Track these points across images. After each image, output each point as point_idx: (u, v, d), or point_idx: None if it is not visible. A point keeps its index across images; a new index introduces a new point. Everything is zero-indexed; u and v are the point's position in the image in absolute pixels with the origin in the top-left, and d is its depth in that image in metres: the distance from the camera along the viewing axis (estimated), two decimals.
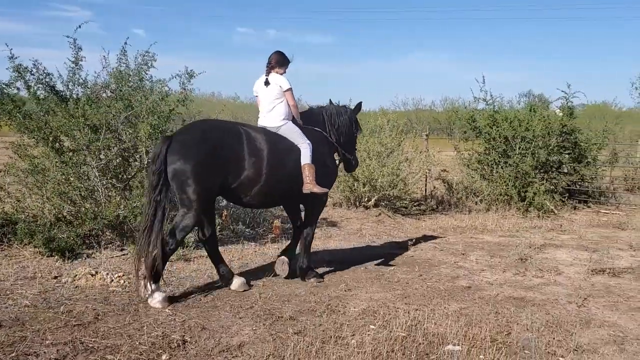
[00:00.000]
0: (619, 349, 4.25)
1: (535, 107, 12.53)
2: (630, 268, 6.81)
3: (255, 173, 5.23)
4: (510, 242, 8.24)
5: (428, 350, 4.07)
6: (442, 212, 11.24)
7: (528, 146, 11.32)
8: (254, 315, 4.70)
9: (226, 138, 5.19)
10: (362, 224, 9.51)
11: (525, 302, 5.34)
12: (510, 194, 11.23)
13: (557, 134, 11.52)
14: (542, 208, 10.84)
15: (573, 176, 11.94)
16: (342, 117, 6.27)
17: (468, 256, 7.34)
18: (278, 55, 5.83)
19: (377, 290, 5.63)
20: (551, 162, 11.57)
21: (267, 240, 7.68)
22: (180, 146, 4.92)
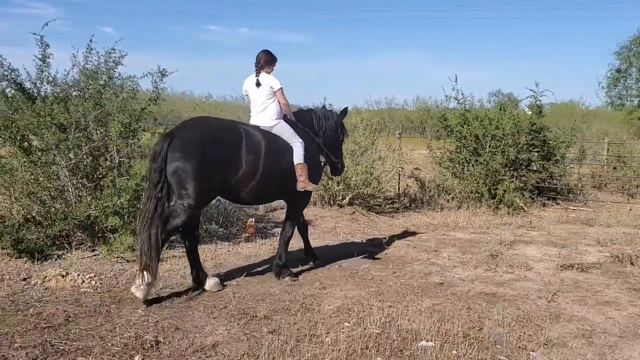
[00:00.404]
0: (588, 342, 4.35)
1: (505, 106, 12.73)
2: (597, 263, 6.97)
3: (252, 169, 5.31)
4: (481, 238, 8.36)
5: (402, 347, 4.11)
6: (415, 210, 11.33)
7: (498, 144, 11.49)
8: (228, 315, 4.68)
9: (226, 135, 5.29)
10: (337, 223, 9.53)
11: (497, 298, 5.43)
12: (481, 192, 11.39)
13: (526, 132, 11.73)
14: (512, 205, 11.03)
15: (542, 174, 12.17)
16: (328, 121, 6.38)
17: (440, 253, 7.42)
18: (266, 54, 5.87)
19: (352, 287, 5.66)
20: (521, 160, 11.77)
21: (240, 239, 7.65)
22: (182, 143, 4.95)
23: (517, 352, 4.10)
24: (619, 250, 7.30)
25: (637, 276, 6.26)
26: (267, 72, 5.86)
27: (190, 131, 5.17)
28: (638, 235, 8.52)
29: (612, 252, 7.34)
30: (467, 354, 3.99)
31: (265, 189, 5.61)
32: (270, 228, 8.75)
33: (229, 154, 5.20)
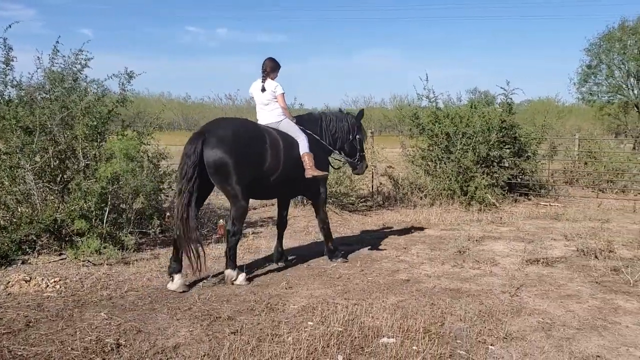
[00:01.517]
0: (546, 335, 4.43)
1: (475, 104, 12.86)
2: (563, 257, 7.09)
3: (275, 162, 5.92)
4: (451, 235, 8.45)
5: (363, 344, 4.15)
6: (388, 208, 11.41)
7: (469, 142, 11.61)
8: (192, 317, 4.68)
9: (253, 133, 5.87)
10: (309, 222, 9.56)
11: (461, 293, 5.50)
12: (453, 189, 11.50)
13: (496, 130, 11.86)
14: (484, 202, 11.16)
15: (513, 170, 12.33)
16: (340, 123, 6.98)
17: (409, 250, 7.49)
18: (271, 62, 6.45)
19: (318, 286, 5.69)
20: (492, 156, 11.90)
21: (210, 240, 7.64)
22: (218, 141, 5.44)
23: (476, 347, 4.16)
24: (585, 244, 7.43)
25: (600, 269, 6.39)
26: (272, 78, 6.44)
27: (222, 130, 5.63)
28: (603, 229, 8.68)
29: (577, 246, 7.47)
30: (426, 350, 4.03)
31: (285, 181, 6.17)
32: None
33: (258, 148, 5.78)
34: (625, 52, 22.34)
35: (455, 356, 3.99)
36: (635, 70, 22.29)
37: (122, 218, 7.09)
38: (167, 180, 8.23)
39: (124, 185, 6.97)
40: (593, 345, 4.24)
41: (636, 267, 6.20)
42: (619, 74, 22.91)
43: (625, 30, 22.17)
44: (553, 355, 4.03)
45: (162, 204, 8.27)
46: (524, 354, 4.04)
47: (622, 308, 5.12)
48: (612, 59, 23.08)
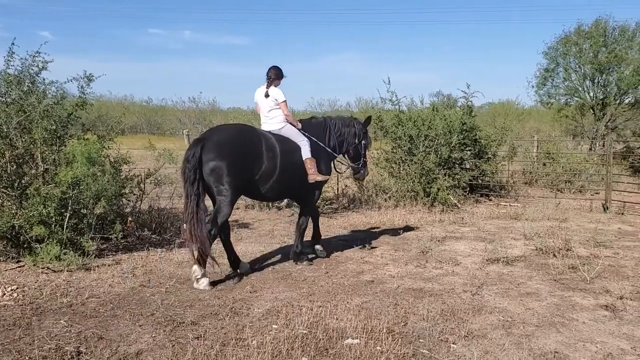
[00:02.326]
0: (507, 333, 4.54)
1: (437, 107, 13.05)
2: (522, 256, 7.26)
3: (272, 166, 6.19)
4: (415, 236, 8.56)
5: (328, 346, 4.17)
6: (353, 210, 11.46)
7: (431, 144, 11.78)
8: (155, 322, 4.62)
9: (249, 137, 6.15)
10: (274, 225, 9.54)
11: (424, 293, 5.59)
12: (416, 190, 11.63)
13: (458, 132, 12.06)
14: (446, 202, 11.32)
15: (474, 171, 12.56)
16: (347, 128, 7.28)
17: (374, 251, 7.55)
18: (276, 70, 6.78)
19: (283, 289, 5.69)
20: (453, 158, 12.09)
21: (174, 245, 7.56)
22: (214, 146, 5.77)
23: (438, 345, 4.24)
24: (543, 243, 7.62)
25: (558, 268, 6.56)
26: (276, 85, 6.75)
27: (218, 135, 5.97)
28: (561, 228, 8.92)
29: (536, 245, 7.66)
30: (390, 349, 4.08)
31: (283, 184, 6.42)
32: None
33: (253, 152, 6.05)
34: (581, 55, 22.95)
35: (418, 355, 4.06)
36: (591, 73, 22.91)
37: (83, 223, 6.95)
38: (129, 185, 8.11)
39: (85, 190, 6.83)
40: (551, 341, 4.36)
41: (593, 265, 6.39)
42: (576, 76, 23.52)
43: (581, 34, 22.80)
44: (513, 352, 4.13)
45: (124, 209, 8.14)
46: (485, 352, 4.13)
47: (579, 305, 5.27)
48: (568, 62, 23.71)
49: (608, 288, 5.75)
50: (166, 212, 8.93)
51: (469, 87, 12.87)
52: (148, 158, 10.37)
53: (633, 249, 7.78)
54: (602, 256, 6.96)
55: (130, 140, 19.48)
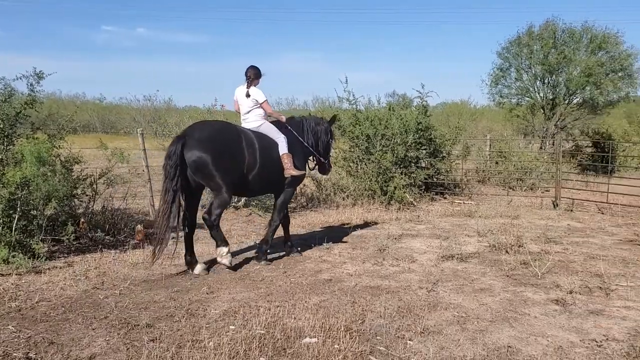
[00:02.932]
0: (461, 329, 4.62)
1: (393, 107, 13.21)
2: (476, 253, 7.41)
3: (252, 160, 6.40)
4: (372, 234, 8.64)
5: (285, 345, 4.16)
6: (311, 209, 11.48)
7: (388, 143, 11.92)
8: (108, 326, 4.52)
9: (229, 134, 6.33)
10: (232, 225, 9.47)
11: (381, 290, 5.64)
12: (373, 189, 11.75)
13: (413, 131, 12.23)
14: (402, 201, 11.47)
15: (430, 170, 12.77)
16: (319, 126, 7.57)
17: (332, 250, 7.58)
18: (255, 69, 6.98)
19: (241, 290, 5.65)
20: (409, 157, 12.26)
21: (128, 247, 7.40)
22: (197, 143, 5.93)
23: (395, 342, 4.28)
24: (496, 240, 7.81)
25: (511, 263, 6.72)
26: (255, 84, 6.97)
27: (199, 132, 6.09)
28: (513, 225, 9.15)
29: (489, 242, 7.83)
30: (348, 347, 4.10)
31: (264, 178, 6.63)
32: None
33: (234, 148, 6.24)
34: (532, 56, 23.59)
35: (376, 352, 4.09)
36: (542, 74, 23.57)
37: (32, 225, 6.73)
38: (82, 186, 7.90)
39: (35, 190, 6.62)
40: (504, 336, 4.46)
41: (543, 260, 6.58)
42: (527, 77, 24.18)
43: (532, 36, 23.44)
44: (468, 348, 4.21)
45: (77, 210, 7.93)
46: (441, 348, 4.20)
47: (531, 299, 5.42)
48: (520, 63, 24.34)
49: (558, 283, 5.93)
50: (120, 212, 8.74)
51: (424, 87, 13.10)
52: (101, 157, 10.13)
53: (582, 244, 8.04)
54: (552, 252, 7.18)
55: (83, 139, 18.99)
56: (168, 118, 11.75)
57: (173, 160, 5.83)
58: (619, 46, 22.27)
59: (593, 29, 22.74)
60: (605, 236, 8.74)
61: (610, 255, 7.33)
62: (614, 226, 9.69)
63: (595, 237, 8.62)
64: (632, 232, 9.03)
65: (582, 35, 22.87)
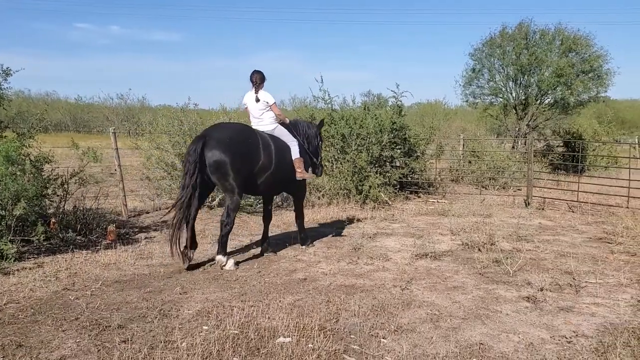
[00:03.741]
0: (435, 326, 4.66)
1: (368, 106, 13.26)
2: (449, 251, 7.49)
3: (267, 161, 6.74)
4: (347, 233, 8.66)
5: (259, 345, 4.15)
6: (286, 208, 11.46)
7: (363, 143, 11.96)
8: (79, 327, 4.45)
9: (247, 135, 6.66)
10: (206, 225, 9.39)
11: (355, 289, 5.66)
12: (349, 188, 11.79)
13: (388, 131, 12.30)
14: (377, 200, 11.53)
15: (404, 169, 12.85)
16: (310, 130, 7.92)
17: (307, 249, 7.58)
18: (260, 74, 7.24)
19: (214, 290, 5.61)
20: (384, 157, 12.34)
21: (100, 247, 7.30)
22: (217, 143, 6.23)
23: (369, 341, 4.30)
24: (469, 238, 7.90)
25: (483, 261, 6.80)
26: (261, 88, 7.22)
27: (220, 133, 6.40)
28: (486, 223, 9.27)
29: (462, 240, 7.92)
30: (322, 347, 4.11)
31: (276, 179, 6.99)
32: (133, 234, 8.43)
33: (252, 149, 6.57)
34: (504, 57, 23.89)
35: (350, 351, 4.10)
36: (514, 74, 23.89)
37: (1, 225, 6.60)
38: (52, 186, 7.76)
39: (3, 190, 6.49)
40: (477, 333, 4.51)
41: (515, 258, 6.68)
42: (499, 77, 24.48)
43: (505, 37, 23.74)
44: (440, 345, 4.25)
45: (47, 210, 7.79)
46: (414, 345, 4.23)
47: (503, 297, 5.49)
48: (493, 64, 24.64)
49: (529, 280, 6.02)
50: (92, 212, 8.61)
51: (399, 87, 13.18)
52: (73, 157, 9.98)
53: (552, 242, 8.18)
54: (523, 250, 7.29)
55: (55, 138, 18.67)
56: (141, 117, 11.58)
57: (193, 158, 6.13)
58: (589, 48, 22.67)
59: (565, 30, 23.13)
60: (575, 234, 8.91)
61: (580, 253, 7.47)
62: (584, 224, 9.88)
63: (566, 235, 8.78)
64: (601, 230, 9.21)
65: (554, 36, 23.23)
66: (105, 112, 43.97)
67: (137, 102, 46.12)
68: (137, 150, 11.63)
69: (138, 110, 42.71)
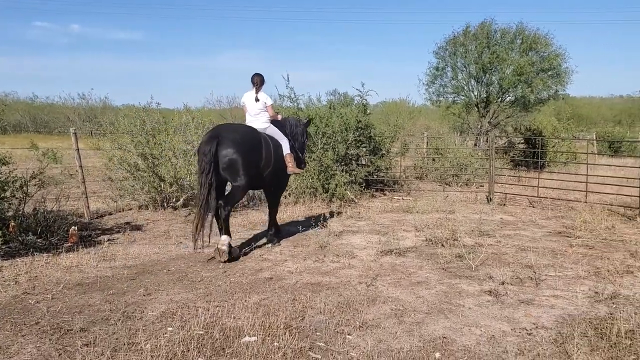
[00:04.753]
0: (399, 321, 4.73)
1: (334, 105, 13.31)
2: (413, 247, 7.59)
3: (268, 159, 7.37)
4: (313, 231, 8.69)
5: (225, 345, 4.14)
6: (253, 208, 11.42)
7: (329, 141, 12.01)
8: (40, 331, 4.36)
9: (254, 136, 7.27)
10: (170, 226, 9.30)
11: (321, 287, 5.69)
12: (315, 187, 11.82)
13: (353, 129, 12.37)
14: (344, 198, 11.59)
15: (370, 167, 12.95)
16: (298, 128, 8.47)
17: (273, 248, 7.58)
18: (260, 76, 7.83)
19: (179, 291, 5.57)
20: (350, 155, 12.41)
21: (61, 250, 7.15)
22: (231, 143, 6.81)
23: (334, 337, 4.34)
24: (433, 234, 8.02)
25: (446, 257, 6.92)
26: (260, 89, 7.79)
27: (232, 134, 6.97)
28: (449, 219, 9.41)
29: (426, 236, 8.04)
30: (287, 345, 4.13)
31: (273, 174, 7.61)
32: (96, 235, 8.29)
33: (258, 148, 7.23)
34: (467, 56, 24.25)
35: (315, 348, 4.13)
36: (476, 72, 24.26)
37: None
38: (10, 189, 7.57)
39: None
40: (440, 327, 4.60)
41: (477, 253, 6.81)
42: (462, 76, 24.84)
43: (467, 35, 24.09)
44: (405, 340, 4.31)
45: (6, 213, 7.59)
46: (379, 341, 4.28)
47: (465, 291, 5.60)
48: (456, 62, 24.97)
49: (491, 274, 6.15)
50: (53, 214, 8.42)
51: (364, 85, 13.25)
52: (32, 158, 9.75)
53: (513, 237, 8.37)
54: (485, 245, 7.43)
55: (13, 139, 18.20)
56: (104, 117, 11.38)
57: (209, 158, 6.65)
58: (549, 47, 23.17)
59: (525, 30, 23.60)
60: (535, 229, 9.12)
61: (540, 246, 7.66)
62: (544, 219, 10.12)
63: (526, 230, 8.99)
64: (560, 225, 9.46)
65: (515, 35, 23.69)
66: (67, 113, 43.05)
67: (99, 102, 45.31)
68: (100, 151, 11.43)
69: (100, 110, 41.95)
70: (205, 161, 6.67)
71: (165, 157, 10.19)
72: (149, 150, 10.19)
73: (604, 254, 7.16)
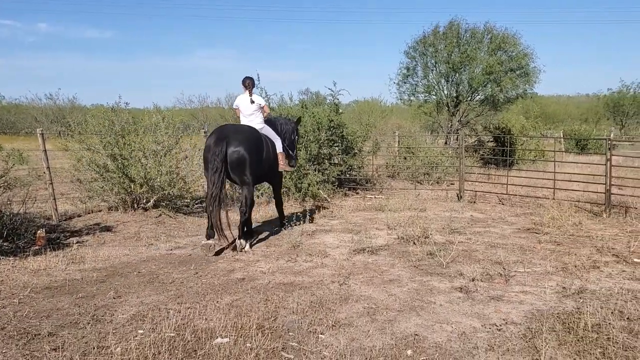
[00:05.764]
0: (371, 320, 4.75)
1: (306, 104, 13.31)
2: (386, 245, 7.64)
3: (267, 156, 7.99)
4: (286, 231, 8.68)
5: (196, 347, 4.11)
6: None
7: (301, 141, 11.99)
8: (6, 337, 4.27)
9: (257, 135, 7.81)
10: (141, 227, 9.19)
11: (294, 287, 5.69)
12: (288, 186, 11.80)
13: (326, 129, 12.39)
14: (317, 197, 11.60)
15: (342, 166, 12.99)
16: (287, 126, 9.01)
17: (245, 248, 7.54)
18: (251, 79, 8.29)
19: (150, 293, 5.51)
20: (323, 154, 12.43)
21: (28, 253, 7.01)
22: (239, 143, 7.29)
23: (307, 337, 4.34)
24: (404, 232, 8.08)
25: (418, 254, 6.98)
26: (253, 91, 8.29)
27: (240, 135, 7.43)
28: (420, 217, 9.50)
29: (398, 235, 8.10)
30: (260, 345, 4.12)
31: (270, 170, 8.30)
32: (64, 238, 8.14)
33: (261, 146, 7.78)
34: (437, 55, 24.48)
35: (288, 348, 4.13)
36: (446, 72, 24.50)
37: None
38: None
39: None
40: (412, 324, 4.64)
41: (448, 250, 6.89)
42: (433, 75, 25.07)
43: (437, 35, 24.32)
44: (377, 338, 4.34)
45: None
46: (351, 339, 4.30)
47: (437, 288, 5.66)
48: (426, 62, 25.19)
49: (462, 271, 6.22)
50: (20, 217, 8.24)
51: (336, 85, 13.28)
52: None
53: (483, 234, 8.49)
54: (456, 242, 7.52)
55: None
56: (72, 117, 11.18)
57: (220, 158, 7.09)
58: (517, 46, 23.53)
59: (494, 29, 23.94)
60: (505, 226, 9.27)
61: (510, 243, 7.79)
62: (513, 216, 10.29)
63: (496, 227, 9.13)
64: (529, 221, 9.62)
65: (484, 35, 24.00)
66: (33, 113, 42.15)
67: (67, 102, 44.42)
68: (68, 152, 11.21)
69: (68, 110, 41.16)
70: (218, 160, 7.08)
71: (135, 158, 10.05)
72: (119, 151, 10.03)
73: (571, 249, 7.31)
